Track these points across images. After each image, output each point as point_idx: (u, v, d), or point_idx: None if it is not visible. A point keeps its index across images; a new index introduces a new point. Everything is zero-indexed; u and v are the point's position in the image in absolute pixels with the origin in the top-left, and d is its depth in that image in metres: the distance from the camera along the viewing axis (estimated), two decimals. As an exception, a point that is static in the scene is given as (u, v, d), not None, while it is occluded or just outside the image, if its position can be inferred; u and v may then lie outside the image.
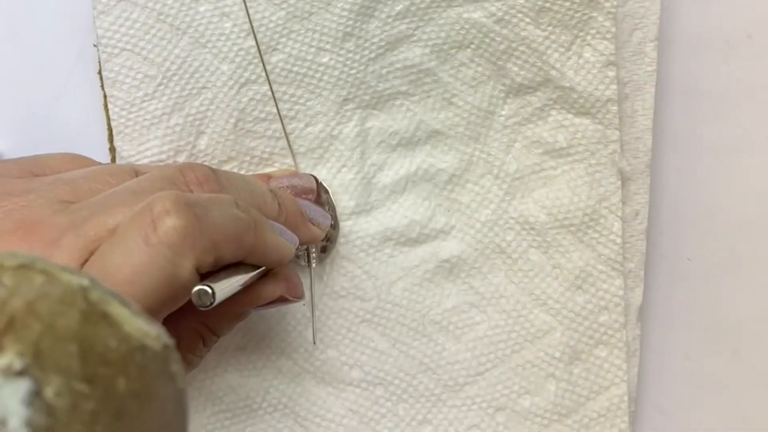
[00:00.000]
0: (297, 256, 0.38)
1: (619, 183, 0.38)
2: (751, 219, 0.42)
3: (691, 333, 0.42)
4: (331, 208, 0.38)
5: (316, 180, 0.37)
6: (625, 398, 0.39)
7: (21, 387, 0.16)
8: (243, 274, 0.29)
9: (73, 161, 0.34)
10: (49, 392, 0.16)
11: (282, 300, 0.33)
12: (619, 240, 0.38)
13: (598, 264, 0.38)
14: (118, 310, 0.19)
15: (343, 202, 0.38)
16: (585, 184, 0.38)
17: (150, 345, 0.20)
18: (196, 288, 0.26)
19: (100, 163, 0.34)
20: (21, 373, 0.16)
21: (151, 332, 0.20)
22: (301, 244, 0.34)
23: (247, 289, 0.31)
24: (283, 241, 0.31)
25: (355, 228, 0.38)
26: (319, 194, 0.37)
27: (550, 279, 0.39)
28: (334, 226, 0.38)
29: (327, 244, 0.38)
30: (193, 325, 0.32)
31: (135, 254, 0.26)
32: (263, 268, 0.31)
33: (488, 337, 0.39)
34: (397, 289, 0.39)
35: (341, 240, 0.38)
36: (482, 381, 0.39)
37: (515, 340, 0.39)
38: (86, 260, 0.27)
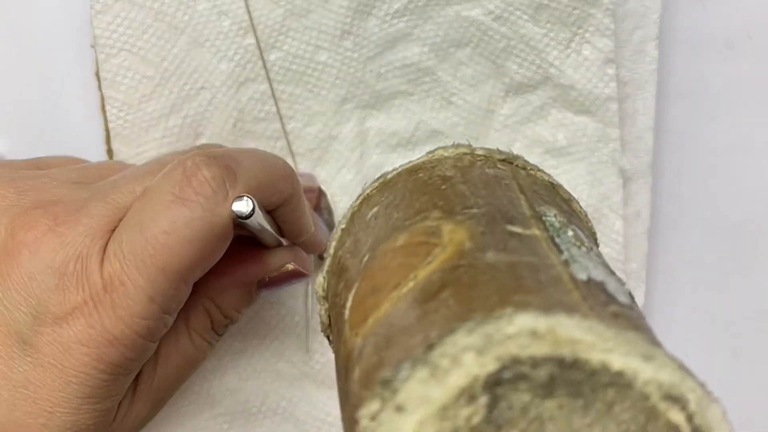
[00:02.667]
0: None
1: (620, 182, 0.38)
2: (751, 219, 0.42)
3: (691, 333, 0.42)
4: (330, 212, 0.37)
5: (316, 180, 0.37)
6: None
7: None
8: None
9: (73, 163, 0.34)
10: None
11: (289, 277, 0.32)
12: (620, 239, 0.38)
13: (600, 263, 0.38)
14: None
15: (342, 203, 0.38)
16: (586, 183, 0.38)
17: None
18: (236, 199, 0.27)
19: None
20: None
21: None
22: (305, 250, 0.34)
23: (255, 257, 0.31)
24: (309, 217, 0.32)
25: (354, 229, 0.38)
26: (318, 198, 0.37)
27: (551, 279, 0.39)
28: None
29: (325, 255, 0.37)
30: (201, 300, 0.31)
31: (170, 206, 0.26)
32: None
33: (489, 338, 0.39)
34: (397, 290, 0.38)
35: (341, 241, 0.38)
36: (483, 382, 0.39)
37: (517, 340, 0.39)
38: (115, 228, 0.27)
